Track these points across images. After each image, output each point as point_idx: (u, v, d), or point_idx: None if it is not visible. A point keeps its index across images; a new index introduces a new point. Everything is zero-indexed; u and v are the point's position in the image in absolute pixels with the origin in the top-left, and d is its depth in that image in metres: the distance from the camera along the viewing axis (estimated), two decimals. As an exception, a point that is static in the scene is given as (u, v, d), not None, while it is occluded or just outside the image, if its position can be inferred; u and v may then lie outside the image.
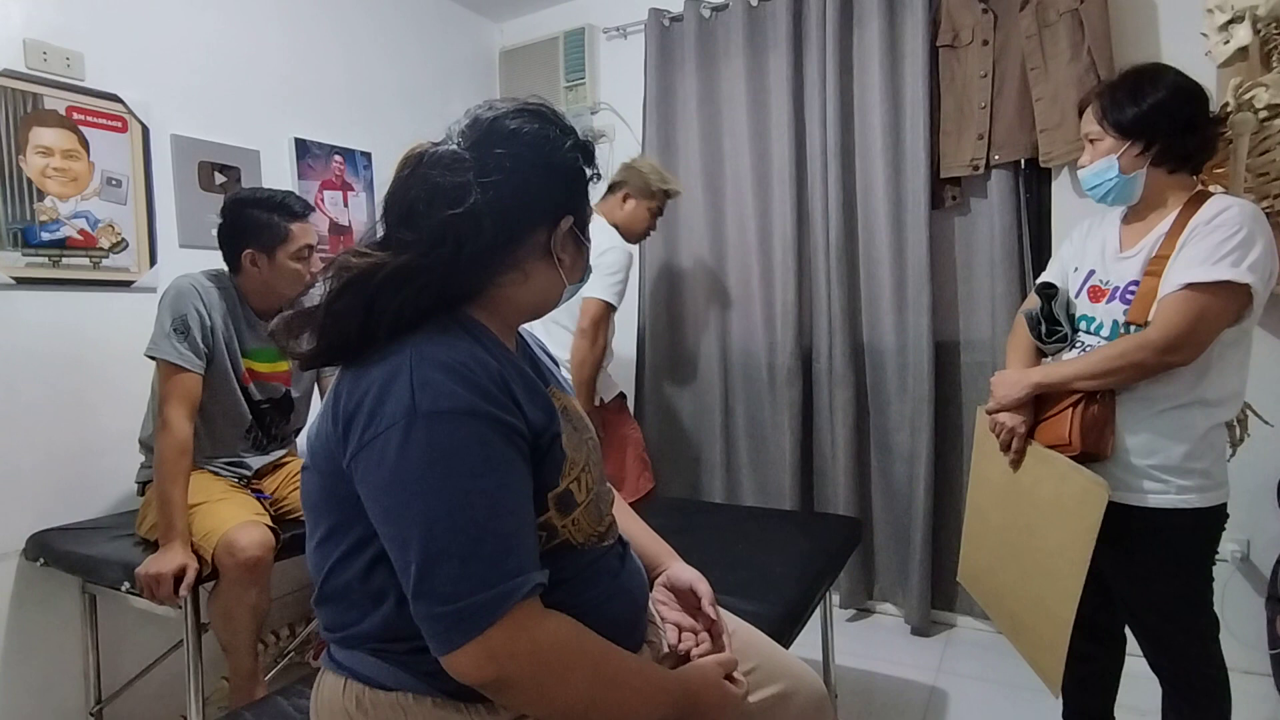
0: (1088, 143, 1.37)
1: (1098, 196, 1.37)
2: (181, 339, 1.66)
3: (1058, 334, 1.41)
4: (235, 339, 1.78)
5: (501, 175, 0.81)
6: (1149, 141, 1.29)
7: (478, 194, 0.79)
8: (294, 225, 1.76)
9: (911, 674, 2.17)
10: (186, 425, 1.65)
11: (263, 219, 1.74)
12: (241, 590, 1.59)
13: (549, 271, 0.88)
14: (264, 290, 1.79)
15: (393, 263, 0.79)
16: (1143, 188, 1.33)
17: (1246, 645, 1.91)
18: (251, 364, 1.82)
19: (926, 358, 2.35)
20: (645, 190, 2.29)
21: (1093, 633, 1.46)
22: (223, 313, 1.75)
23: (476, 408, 0.74)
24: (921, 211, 2.33)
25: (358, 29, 2.66)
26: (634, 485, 2.38)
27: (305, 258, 1.78)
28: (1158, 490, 1.29)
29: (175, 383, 1.65)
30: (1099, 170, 1.34)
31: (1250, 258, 1.20)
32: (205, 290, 1.73)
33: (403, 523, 0.73)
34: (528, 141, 0.83)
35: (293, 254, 1.76)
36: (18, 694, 1.80)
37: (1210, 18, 1.80)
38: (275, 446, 1.94)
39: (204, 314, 1.70)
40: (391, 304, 0.78)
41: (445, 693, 0.80)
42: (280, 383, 1.89)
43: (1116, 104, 1.32)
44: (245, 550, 1.56)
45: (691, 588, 1.03)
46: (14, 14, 1.79)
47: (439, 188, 0.80)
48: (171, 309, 1.68)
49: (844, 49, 2.45)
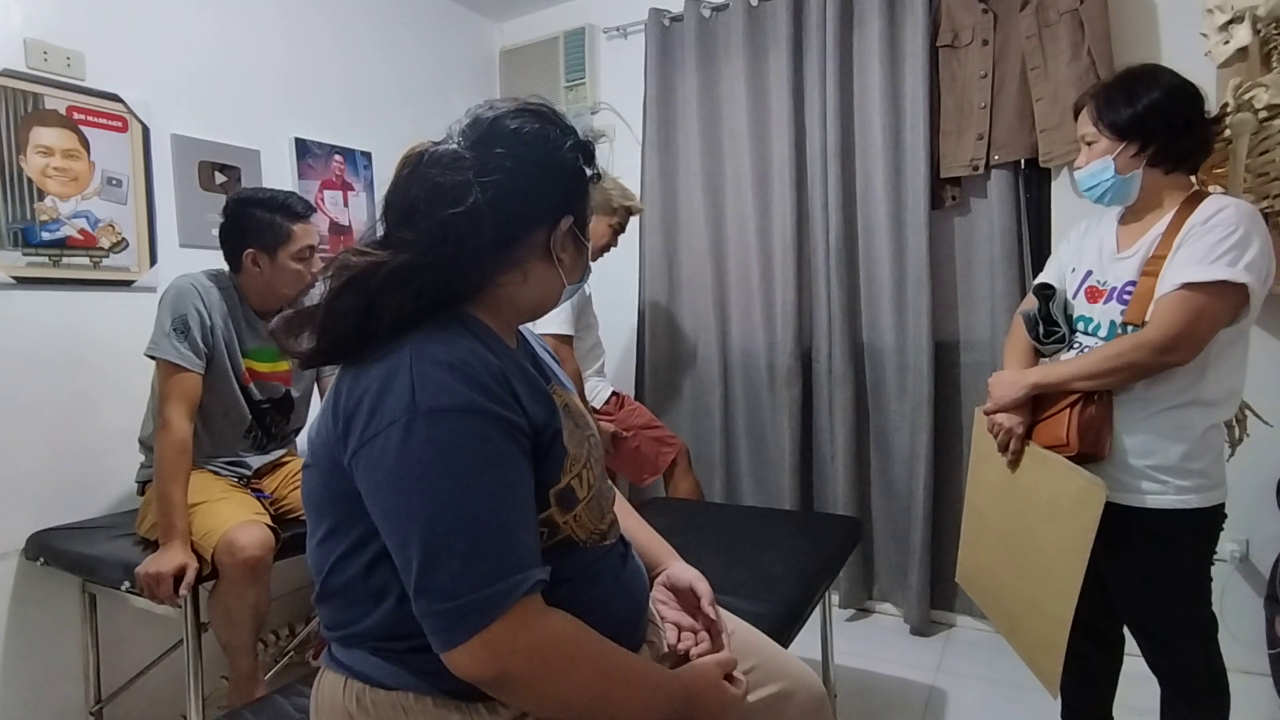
0: (1084, 144, 1.38)
1: (1094, 197, 1.38)
2: (181, 338, 1.66)
3: (1055, 334, 1.41)
4: (235, 339, 1.78)
5: (502, 175, 0.81)
6: (1145, 142, 1.30)
7: (478, 193, 0.79)
8: (296, 226, 1.76)
9: (911, 674, 2.17)
10: (186, 425, 1.65)
11: (265, 219, 1.74)
12: (242, 590, 1.59)
13: (548, 271, 0.88)
14: (265, 290, 1.80)
15: (393, 262, 0.78)
16: (1139, 188, 1.33)
17: (1245, 645, 1.92)
18: (252, 364, 1.82)
19: (926, 358, 2.35)
20: (606, 206, 2.27)
21: (1091, 633, 1.46)
22: (223, 312, 1.75)
23: (477, 404, 0.74)
24: (921, 211, 2.33)
25: (358, 29, 2.66)
26: (654, 465, 2.42)
27: (307, 258, 1.78)
28: (1156, 491, 1.29)
29: (175, 382, 1.65)
30: (1095, 171, 1.35)
31: (1247, 257, 1.20)
32: (205, 290, 1.73)
33: (404, 520, 0.73)
34: (528, 141, 0.83)
35: (294, 254, 1.76)
36: (18, 693, 1.80)
37: (1210, 18, 1.81)
38: (275, 446, 1.94)
39: (204, 314, 1.70)
40: (391, 303, 0.78)
41: (446, 692, 0.80)
42: (280, 382, 1.89)
43: (1111, 105, 1.32)
44: (245, 550, 1.56)
45: (691, 587, 1.03)
46: (14, 14, 1.79)
47: (439, 187, 0.80)
48: (171, 309, 1.68)
49: (844, 49, 2.45)
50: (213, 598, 1.64)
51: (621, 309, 2.92)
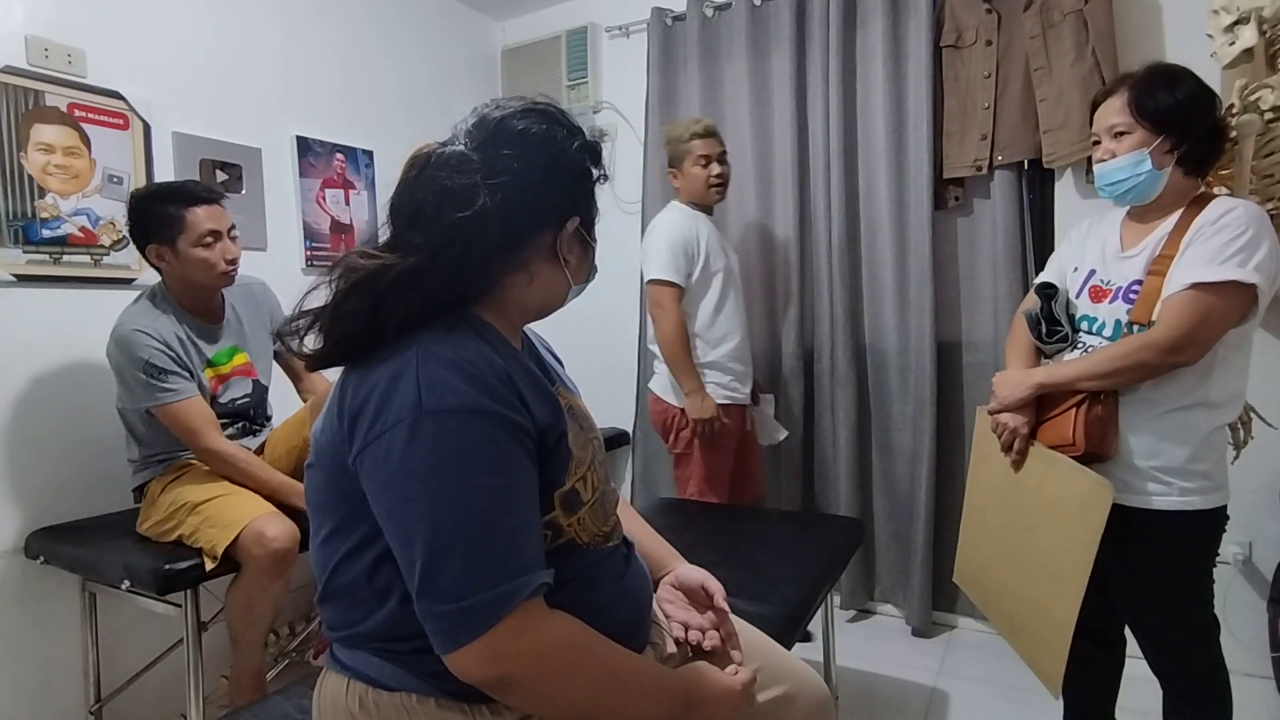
0: (1110, 137, 1.31)
1: (1118, 193, 1.32)
2: (162, 376, 1.64)
3: (1058, 334, 1.41)
4: (195, 351, 1.75)
5: (509, 177, 0.80)
6: (1180, 138, 1.26)
7: (485, 196, 0.79)
8: (190, 211, 1.67)
9: (912, 675, 2.17)
10: (221, 441, 1.68)
11: (159, 212, 1.67)
12: (268, 582, 1.57)
13: (554, 272, 0.87)
14: (182, 285, 1.74)
15: (401, 265, 0.78)
16: (1163, 187, 1.30)
17: (1248, 647, 1.91)
18: (215, 370, 1.80)
19: (929, 358, 2.35)
20: (678, 152, 2.21)
21: (1092, 635, 1.45)
22: (172, 332, 1.70)
23: (483, 406, 0.74)
24: (924, 212, 2.32)
25: (360, 27, 2.65)
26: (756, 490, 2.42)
27: (211, 243, 1.69)
28: (1160, 492, 1.28)
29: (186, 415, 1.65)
30: (1127, 165, 1.29)
31: (1256, 258, 1.20)
32: (146, 325, 1.66)
33: (407, 520, 0.73)
34: (534, 143, 0.83)
35: (195, 241, 1.67)
36: (17, 692, 1.80)
37: (1215, 19, 1.80)
38: (260, 428, 1.92)
39: (160, 346, 1.65)
40: (399, 305, 0.77)
41: (449, 693, 0.80)
42: (245, 375, 1.86)
43: (1153, 94, 1.27)
44: (275, 540, 1.55)
45: (702, 585, 1.03)
46: (16, 10, 1.79)
47: (447, 190, 0.80)
48: (131, 363, 1.64)
49: (847, 49, 2.45)
50: (234, 589, 1.62)
51: (622, 309, 2.91)
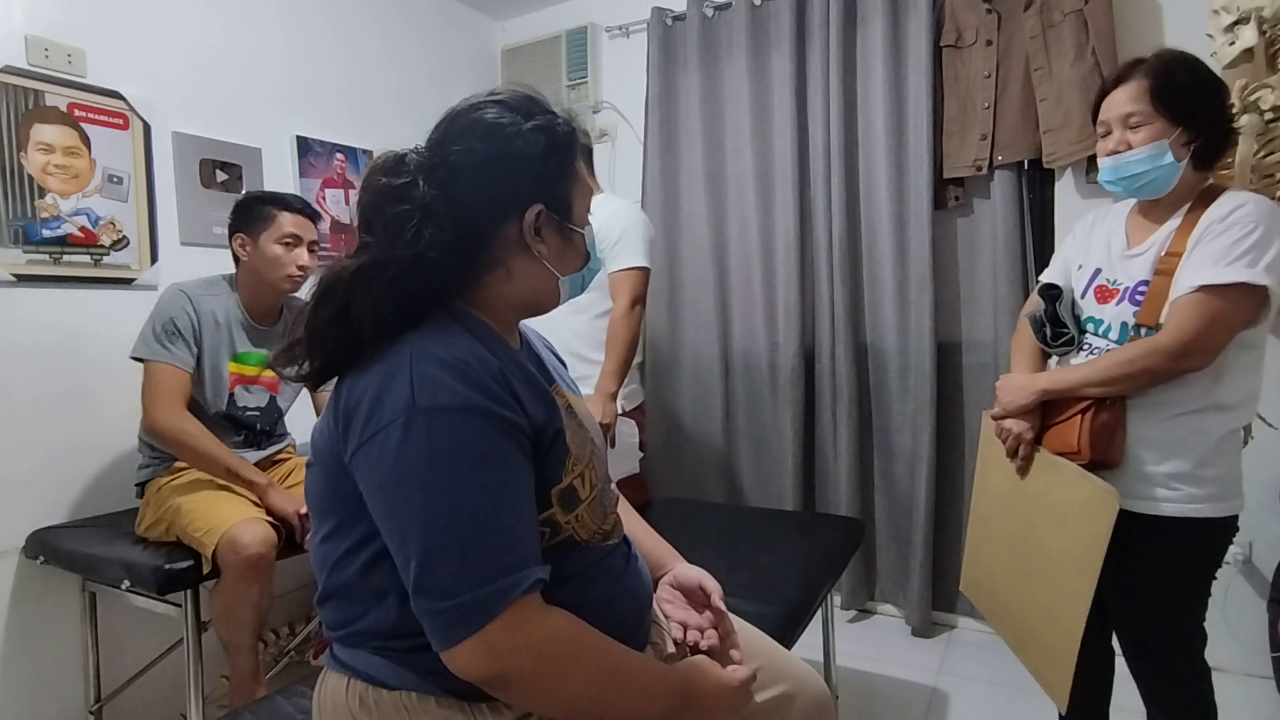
0: (1124, 126, 1.25)
1: (1135, 186, 1.26)
2: (170, 338, 1.70)
3: (1063, 337, 1.36)
4: (228, 339, 1.80)
5: (447, 171, 0.82)
6: (1198, 130, 1.21)
7: (425, 189, 0.81)
8: (282, 212, 1.79)
9: (912, 675, 2.17)
10: (180, 417, 1.69)
11: (256, 208, 1.80)
12: (245, 588, 1.58)
13: (533, 265, 0.86)
14: (252, 279, 1.82)
15: (354, 263, 0.80)
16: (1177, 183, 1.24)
17: (1248, 648, 1.91)
18: (240, 368, 1.83)
19: (929, 358, 2.35)
20: None
21: (1087, 635, 1.44)
22: (216, 315, 1.78)
23: (476, 403, 0.74)
24: (924, 212, 2.32)
25: (360, 27, 2.65)
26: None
27: (289, 246, 1.80)
28: (1169, 499, 1.23)
29: (161, 379, 1.68)
30: (1148, 155, 1.22)
31: (1268, 257, 1.14)
32: (196, 296, 1.76)
33: (402, 518, 0.73)
34: (480, 134, 0.83)
35: (276, 239, 1.78)
36: (17, 692, 1.80)
37: (1216, 19, 1.80)
38: (271, 442, 1.93)
39: (192, 316, 1.74)
40: (365, 303, 0.78)
41: (449, 691, 0.80)
42: (267, 388, 1.89)
43: (1174, 82, 1.21)
44: (249, 547, 1.55)
45: (700, 585, 1.03)
46: (15, 10, 1.79)
47: (385, 187, 0.82)
48: (158, 314, 1.72)
49: (847, 48, 2.45)
50: (214, 596, 1.63)
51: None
